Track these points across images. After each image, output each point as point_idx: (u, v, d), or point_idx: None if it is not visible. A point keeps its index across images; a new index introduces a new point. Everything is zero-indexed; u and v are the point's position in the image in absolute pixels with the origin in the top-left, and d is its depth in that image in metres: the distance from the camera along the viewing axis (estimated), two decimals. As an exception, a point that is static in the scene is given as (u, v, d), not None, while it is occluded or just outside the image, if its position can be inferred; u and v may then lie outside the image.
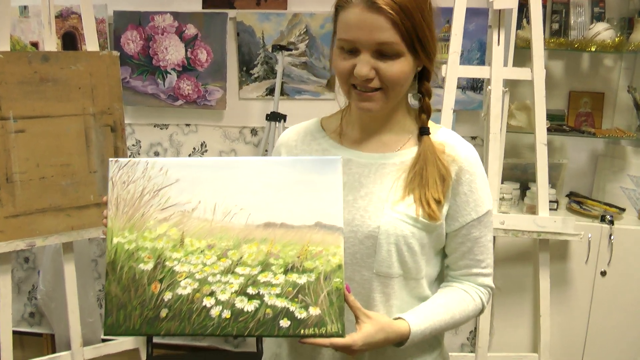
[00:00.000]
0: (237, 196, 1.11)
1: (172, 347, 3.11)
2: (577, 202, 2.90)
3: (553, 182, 2.92)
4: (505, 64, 2.52)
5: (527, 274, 2.73)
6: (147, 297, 1.10)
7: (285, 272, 1.08)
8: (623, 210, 2.79)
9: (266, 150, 2.83)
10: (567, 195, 3.01)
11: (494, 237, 2.33)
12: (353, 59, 1.13)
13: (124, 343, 2.65)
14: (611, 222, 2.67)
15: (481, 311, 1.31)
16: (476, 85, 2.93)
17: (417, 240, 1.20)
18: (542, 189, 2.44)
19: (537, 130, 2.42)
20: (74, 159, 2.35)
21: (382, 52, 1.12)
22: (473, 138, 2.99)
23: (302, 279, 1.08)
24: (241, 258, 1.10)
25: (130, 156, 3.09)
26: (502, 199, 2.69)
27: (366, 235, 1.19)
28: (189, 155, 3.10)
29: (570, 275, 2.75)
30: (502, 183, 2.76)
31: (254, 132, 3.13)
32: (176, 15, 3.04)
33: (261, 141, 2.95)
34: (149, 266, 1.11)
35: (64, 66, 2.31)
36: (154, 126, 3.21)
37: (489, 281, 1.30)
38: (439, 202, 1.19)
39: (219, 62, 3.04)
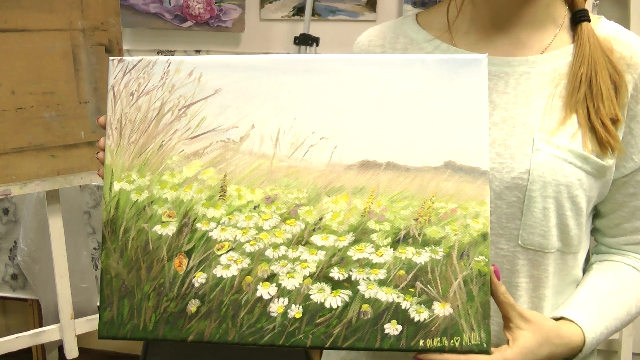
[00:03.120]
0: (315, 117, 0.86)
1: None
2: None
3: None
4: None
5: None
6: (167, 279, 0.86)
7: (395, 244, 0.82)
8: None
9: None
10: None
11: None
12: None
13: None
14: None
15: None
16: None
17: (585, 191, 0.95)
18: None
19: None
20: (60, 85, 2.14)
21: None
22: None
23: (423, 257, 0.82)
24: (321, 220, 0.84)
25: None
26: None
27: (508, 186, 0.93)
28: None
29: None
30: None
31: None
32: None
33: None
34: (171, 229, 0.86)
35: None
36: (157, 53, 3.03)
37: None
38: (616, 122, 0.95)
39: None
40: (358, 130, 0.84)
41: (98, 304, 2.49)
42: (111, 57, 0.91)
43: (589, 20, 0.97)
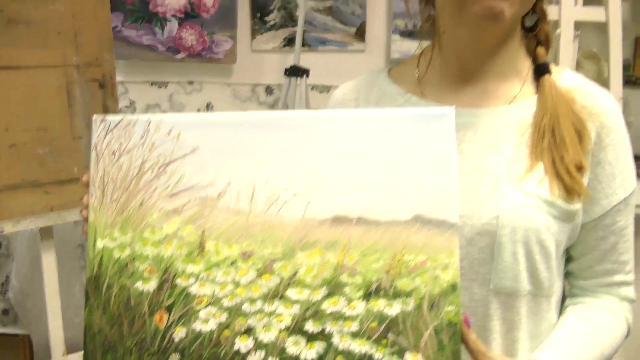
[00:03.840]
0: (289, 174, 0.88)
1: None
2: None
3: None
4: (575, 3, 2.34)
5: None
6: (149, 334, 0.88)
7: (367, 296, 0.84)
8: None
9: None
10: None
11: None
12: None
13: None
14: None
15: (626, 336, 1.09)
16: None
17: (553, 235, 0.96)
18: None
19: (613, 83, 2.27)
20: (54, 121, 2.12)
21: None
22: None
23: (394, 308, 0.83)
24: (295, 274, 0.86)
25: None
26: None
27: (478, 232, 0.95)
28: None
29: None
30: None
31: (269, 90, 3.02)
32: None
33: (278, 101, 2.85)
34: (152, 285, 0.89)
35: (39, 5, 2.08)
36: (151, 84, 3.08)
37: (632, 292, 1.08)
38: (580, 169, 0.97)
39: (228, 7, 2.90)
40: (330, 186, 0.85)
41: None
42: (94, 116, 0.93)
43: (551, 73, 1.00)
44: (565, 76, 1.03)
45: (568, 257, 1.06)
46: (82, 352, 2.18)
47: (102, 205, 0.91)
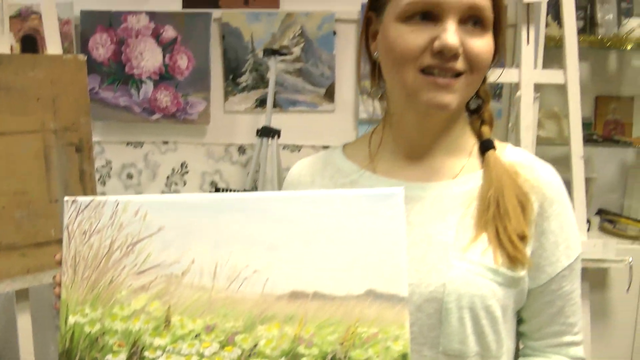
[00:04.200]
0: (248, 252, 0.91)
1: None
2: (609, 220, 2.77)
3: (581, 199, 2.83)
4: (535, 66, 2.39)
5: None
6: None
7: None
8: (661, 228, 2.67)
9: (257, 171, 2.73)
10: (596, 214, 2.89)
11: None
12: (430, 29, 0.96)
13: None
14: None
15: None
16: (494, 93, 2.83)
17: (499, 301, 0.99)
18: (579, 209, 2.27)
19: (573, 142, 2.26)
20: (31, 185, 2.14)
21: (472, 20, 0.97)
22: None
23: None
24: (256, 346, 0.89)
25: (99, 180, 3.03)
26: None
27: (427, 299, 0.98)
28: (167, 178, 3.04)
29: (611, 305, 2.62)
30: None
31: (241, 150, 3.03)
32: (152, 15, 2.91)
33: (251, 161, 2.85)
34: (121, 358, 0.91)
35: (19, 72, 2.11)
36: (127, 144, 3.08)
37: (582, 352, 1.10)
38: (523, 239, 1.01)
39: (202, 70, 2.94)
40: (287, 263, 0.88)
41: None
42: (65, 198, 0.96)
43: (495, 149, 1.05)
44: (508, 152, 1.08)
45: (519, 319, 1.09)
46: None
47: (73, 283, 0.93)
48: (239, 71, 2.94)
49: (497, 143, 1.08)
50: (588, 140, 2.73)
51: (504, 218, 1.00)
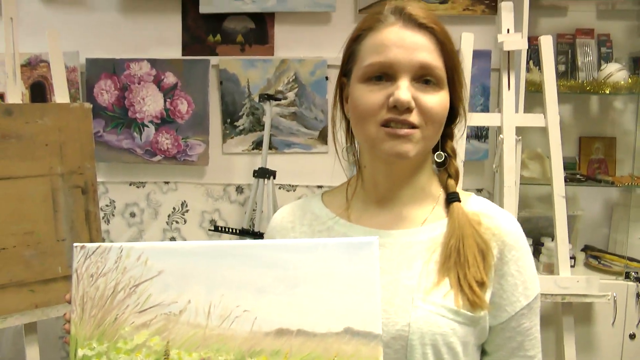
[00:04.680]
0: (239, 294, 0.98)
1: None
2: (595, 257, 2.81)
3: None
4: (516, 110, 2.46)
5: (548, 339, 2.57)
6: None
7: None
8: (645, 263, 2.71)
9: (254, 210, 2.75)
10: (582, 250, 2.94)
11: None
12: (386, 88, 1.04)
13: None
14: (637, 279, 2.59)
15: None
16: (480, 134, 2.89)
17: (459, 338, 1.05)
18: (562, 245, 2.34)
19: (555, 181, 2.34)
20: (39, 226, 2.21)
21: (424, 78, 1.05)
22: (479, 190, 2.94)
23: None
24: None
25: (103, 218, 3.05)
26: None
27: (393, 336, 1.05)
28: (169, 217, 3.05)
29: (596, 339, 2.64)
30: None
31: (239, 189, 3.05)
32: (154, 62, 2.96)
33: (248, 200, 2.88)
34: None
35: (29, 120, 2.19)
36: (130, 184, 3.10)
37: None
38: (482, 285, 1.07)
39: (201, 114, 2.99)
40: (273, 304, 0.95)
41: None
42: (74, 244, 1.01)
43: (459, 201, 1.12)
44: (472, 201, 1.15)
45: (483, 351, 1.14)
46: None
47: (82, 320, 0.99)
48: (236, 115, 2.98)
49: (462, 194, 1.15)
50: (572, 179, 2.80)
51: (464, 265, 1.07)
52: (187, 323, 0.98)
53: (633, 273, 2.59)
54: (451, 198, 1.13)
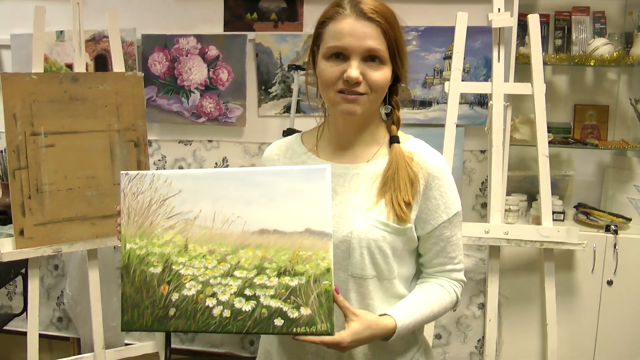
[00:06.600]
0: (233, 205, 1.15)
1: (190, 352, 3.11)
2: (585, 213, 2.89)
3: (561, 194, 2.95)
4: (507, 80, 2.56)
5: (534, 284, 2.72)
6: (157, 297, 1.16)
7: (279, 275, 1.13)
8: (629, 220, 2.80)
9: None
10: (575, 207, 3.01)
11: (499, 247, 2.43)
12: (341, 65, 1.21)
13: (143, 347, 2.70)
14: (615, 232, 2.67)
15: (457, 303, 1.37)
16: (483, 101, 2.95)
17: (389, 243, 1.25)
18: (545, 199, 2.45)
19: (539, 142, 2.46)
20: (100, 171, 2.41)
21: (371, 58, 1.21)
22: (482, 152, 3.02)
23: (294, 282, 1.12)
24: (239, 262, 1.15)
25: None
26: (508, 210, 2.74)
27: (341, 240, 1.24)
28: None
29: (577, 285, 2.74)
30: (509, 195, 2.80)
31: None
32: (199, 37, 3.10)
33: None
34: (158, 270, 1.17)
35: (91, 86, 2.38)
36: (179, 142, 3.28)
37: (462, 275, 1.36)
38: (408, 204, 1.24)
39: (239, 82, 3.09)
40: (257, 212, 1.13)
41: (125, 340, 2.71)
42: (121, 172, 1.20)
43: (399, 142, 1.29)
44: (409, 143, 1.31)
45: (418, 254, 1.34)
46: (117, 348, 2.55)
47: (128, 224, 1.18)
48: (270, 83, 3.09)
49: (402, 137, 1.31)
50: (566, 142, 2.91)
51: (396, 190, 1.24)
52: (199, 226, 1.16)
53: (612, 226, 2.69)
54: (392, 140, 1.31)
